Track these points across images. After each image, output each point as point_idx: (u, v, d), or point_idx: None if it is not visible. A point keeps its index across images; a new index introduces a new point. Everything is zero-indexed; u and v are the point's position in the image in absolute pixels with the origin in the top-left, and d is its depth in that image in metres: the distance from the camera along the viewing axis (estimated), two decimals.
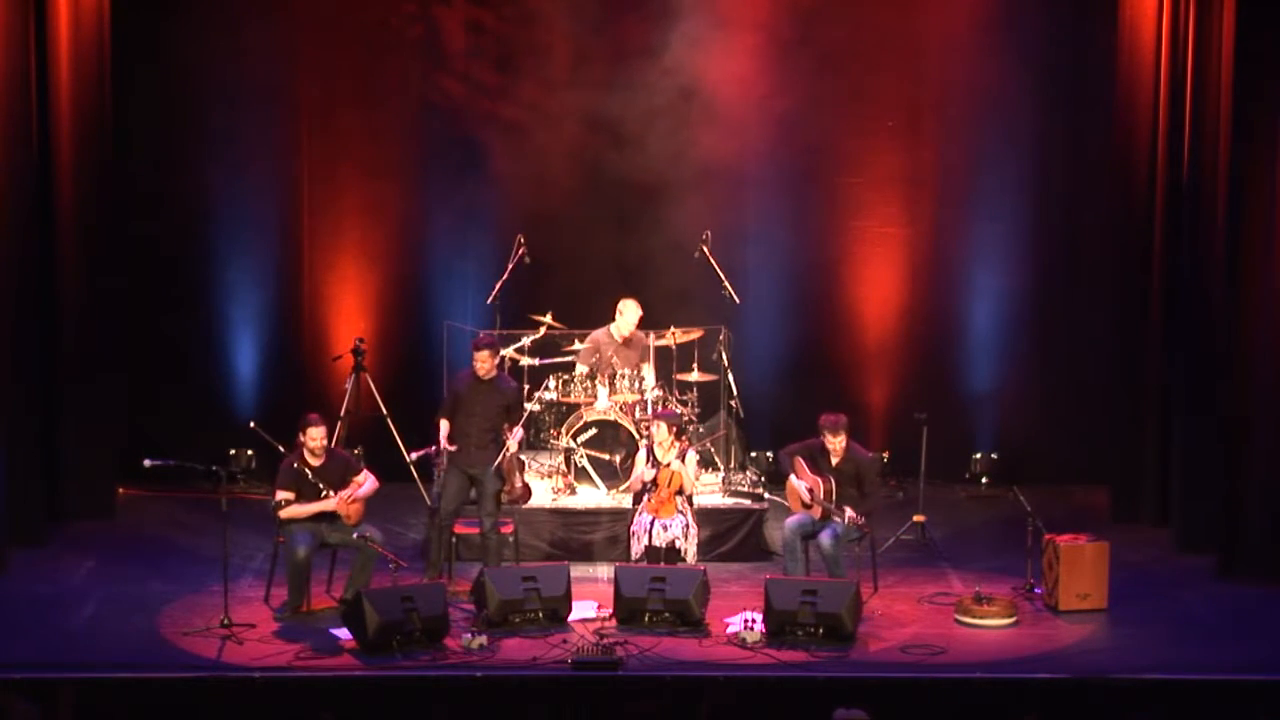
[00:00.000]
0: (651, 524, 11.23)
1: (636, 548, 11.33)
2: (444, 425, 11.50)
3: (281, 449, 11.25)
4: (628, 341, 12.98)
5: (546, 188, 14.17)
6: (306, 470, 10.93)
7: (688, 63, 13.61)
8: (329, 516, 10.94)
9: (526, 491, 11.81)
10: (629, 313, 12.92)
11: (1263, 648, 10.29)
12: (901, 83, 14.16)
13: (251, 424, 11.54)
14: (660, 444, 11.35)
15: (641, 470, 11.36)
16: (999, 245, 14.30)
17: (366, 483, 11.08)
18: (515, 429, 11.51)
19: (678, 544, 11.24)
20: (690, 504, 11.48)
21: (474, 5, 14.24)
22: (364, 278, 14.52)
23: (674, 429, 11.45)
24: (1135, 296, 13.17)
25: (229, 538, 10.81)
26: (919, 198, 14.39)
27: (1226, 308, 12.05)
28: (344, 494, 10.94)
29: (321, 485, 10.92)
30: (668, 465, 11.28)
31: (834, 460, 11.23)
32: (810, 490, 11.14)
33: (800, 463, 11.24)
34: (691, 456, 11.53)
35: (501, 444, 11.47)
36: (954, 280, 14.43)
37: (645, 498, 11.33)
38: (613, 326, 13.00)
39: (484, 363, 11.45)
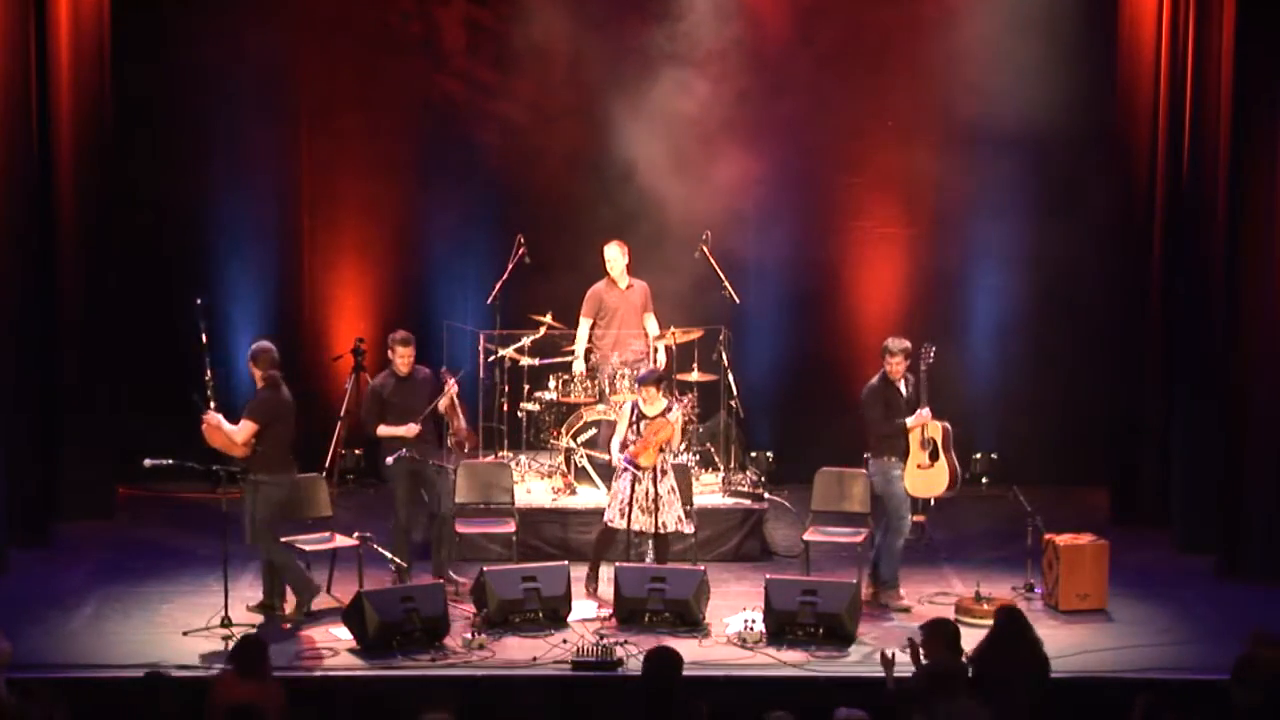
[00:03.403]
0: (631, 488, 11.18)
1: (611, 513, 11.34)
2: (386, 429, 11.44)
3: (205, 339, 11.03)
4: (629, 290, 12.94)
5: (546, 187, 14.19)
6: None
7: (687, 62, 13.61)
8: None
9: (471, 436, 11.58)
10: (611, 254, 12.86)
11: None
12: (901, 83, 14.15)
13: (199, 300, 11.29)
14: (648, 400, 11.33)
15: (622, 428, 11.36)
16: (999, 245, 14.30)
17: (221, 420, 10.74)
18: (450, 379, 11.43)
19: (663, 518, 11.23)
20: (669, 453, 11.47)
21: (472, 4, 14.27)
22: (364, 278, 14.54)
23: (660, 385, 11.43)
24: (1135, 296, 13.19)
25: (229, 538, 10.80)
26: (919, 198, 14.39)
27: (1227, 307, 12.05)
28: (208, 412, 10.75)
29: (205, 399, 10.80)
30: (655, 417, 11.27)
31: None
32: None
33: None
34: (677, 411, 11.53)
35: (441, 436, 11.54)
36: (954, 280, 14.44)
37: (629, 446, 11.32)
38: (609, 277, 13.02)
39: (407, 359, 11.47)
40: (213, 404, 10.79)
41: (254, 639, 8.96)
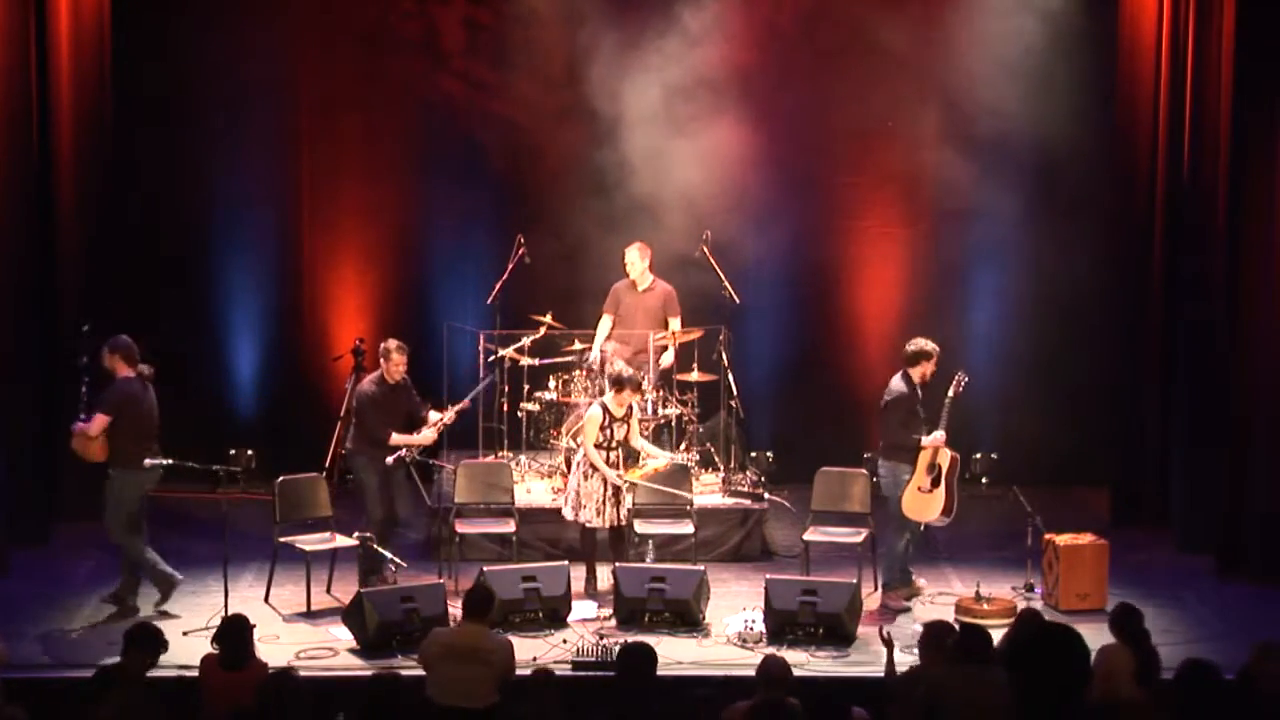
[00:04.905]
0: (604, 487, 11.25)
1: (581, 514, 11.36)
2: (400, 436, 11.55)
3: (85, 360, 11.29)
4: (647, 293, 12.96)
5: (546, 187, 14.20)
6: None
7: (687, 61, 13.60)
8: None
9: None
10: (630, 257, 12.95)
11: None
12: (901, 83, 14.14)
13: (85, 328, 11.58)
14: (619, 403, 11.36)
15: (593, 431, 11.36)
16: (999, 245, 14.31)
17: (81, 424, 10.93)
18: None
19: (621, 512, 11.34)
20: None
21: (472, 4, 14.27)
22: (364, 278, 14.53)
23: (638, 390, 11.55)
24: (1135, 296, 13.19)
25: (229, 538, 10.80)
26: (919, 198, 14.39)
27: (1227, 306, 12.06)
28: (77, 424, 10.94)
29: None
30: (622, 418, 11.36)
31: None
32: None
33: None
34: (667, 457, 11.70)
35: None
36: (954, 280, 14.44)
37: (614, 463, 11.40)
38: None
39: (402, 366, 11.60)
40: (83, 416, 10.99)
41: (236, 620, 8.93)
